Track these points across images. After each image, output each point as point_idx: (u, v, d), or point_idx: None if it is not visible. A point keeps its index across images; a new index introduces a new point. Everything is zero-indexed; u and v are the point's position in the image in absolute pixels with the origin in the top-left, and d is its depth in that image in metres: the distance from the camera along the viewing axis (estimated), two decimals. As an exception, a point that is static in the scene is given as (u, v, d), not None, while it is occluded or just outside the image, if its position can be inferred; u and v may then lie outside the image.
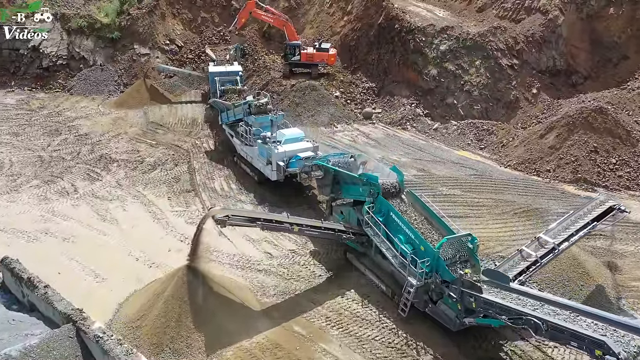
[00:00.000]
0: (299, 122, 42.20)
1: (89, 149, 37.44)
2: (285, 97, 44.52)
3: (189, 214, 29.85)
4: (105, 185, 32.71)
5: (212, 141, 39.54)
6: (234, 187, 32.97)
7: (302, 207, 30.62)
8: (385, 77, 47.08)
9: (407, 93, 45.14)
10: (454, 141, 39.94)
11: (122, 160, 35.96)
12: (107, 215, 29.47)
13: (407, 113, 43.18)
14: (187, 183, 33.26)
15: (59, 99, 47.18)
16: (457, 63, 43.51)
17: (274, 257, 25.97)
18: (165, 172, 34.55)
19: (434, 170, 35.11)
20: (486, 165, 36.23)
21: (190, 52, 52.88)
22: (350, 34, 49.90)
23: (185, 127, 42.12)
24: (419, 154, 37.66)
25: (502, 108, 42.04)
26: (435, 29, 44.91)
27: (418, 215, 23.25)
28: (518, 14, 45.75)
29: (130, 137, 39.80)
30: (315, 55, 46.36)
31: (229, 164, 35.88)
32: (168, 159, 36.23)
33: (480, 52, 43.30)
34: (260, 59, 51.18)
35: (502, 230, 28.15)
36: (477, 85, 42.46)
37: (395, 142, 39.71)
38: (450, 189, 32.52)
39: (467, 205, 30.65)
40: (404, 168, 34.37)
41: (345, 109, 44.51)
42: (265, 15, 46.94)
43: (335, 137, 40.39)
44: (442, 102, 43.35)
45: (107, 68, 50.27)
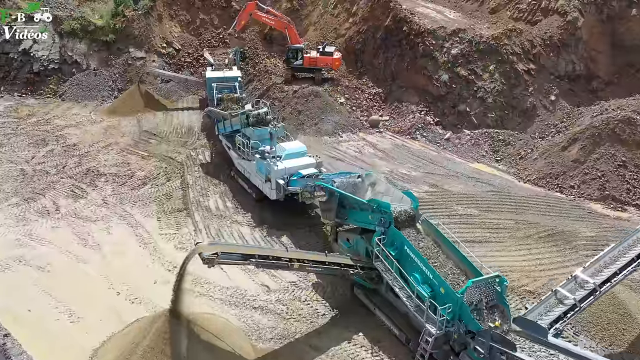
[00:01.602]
0: (301, 131, 38.93)
1: (75, 162, 34.18)
2: (287, 104, 41.17)
3: (179, 237, 26.59)
4: (90, 204, 29.46)
5: (208, 152, 36.23)
6: (229, 206, 29.66)
7: (303, 229, 27.34)
8: (392, 83, 43.68)
9: (416, 99, 41.72)
10: (467, 152, 36.53)
11: (111, 174, 32.70)
12: (88, 240, 26.24)
13: (417, 121, 39.77)
14: (179, 201, 29.98)
15: (49, 106, 43.89)
16: (469, 68, 40.07)
17: (272, 290, 22.70)
18: (156, 188, 31.28)
19: (447, 185, 31.74)
20: (504, 180, 32.83)
21: (188, 55, 49.54)
22: (355, 36, 46.46)
23: (180, 137, 38.82)
24: (430, 167, 34.29)
25: (518, 116, 38.58)
26: (446, 31, 41.47)
27: (435, 248, 19.93)
28: (534, 16, 42.21)
29: (121, 147, 36.52)
30: (318, 59, 42.97)
31: (225, 179, 32.59)
32: (160, 173, 32.95)
33: (495, 56, 39.82)
34: (261, 62, 47.82)
35: (527, 258, 24.80)
36: (491, 92, 38.99)
37: (404, 153, 36.33)
38: (466, 208, 29.15)
39: (486, 227, 27.28)
40: (415, 183, 31.16)
41: (350, 116, 41.14)
42: (266, 17, 43.56)
43: (340, 148, 37.04)
44: (454, 109, 39.92)
45: (101, 72, 46.90)
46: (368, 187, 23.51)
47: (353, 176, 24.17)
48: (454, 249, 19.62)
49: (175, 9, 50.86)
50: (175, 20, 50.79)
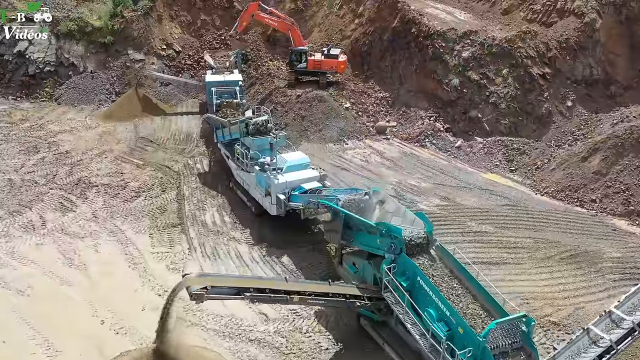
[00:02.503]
0: (304, 138, 36.66)
1: (67, 171, 31.99)
2: (290, 109, 38.84)
3: (172, 257, 24.38)
4: (79, 218, 27.27)
5: (206, 161, 33.98)
6: (227, 221, 27.41)
7: (306, 247, 25.09)
8: (400, 86, 41.27)
9: (425, 104, 39.31)
10: (480, 162, 34.11)
11: (103, 185, 30.51)
12: (74, 259, 24.08)
13: (426, 127, 37.39)
14: (173, 215, 27.76)
15: (44, 110, 41.75)
16: (481, 72, 37.60)
17: (270, 320, 20.45)
18: (149, 200, 29.08)
19: (459, 198, 29.37)
20: (519, 193, 30.42)
21: (188, 57, 47.23)
22: (361, 38, 44.05)
23: (178, 144, 36.57)
24: (440, 178, 31.91)
25: (532, 123, 36.10)
26: (456, 33, 39.00)
27: (452, 279, 17.59)
28: (549, 17, 39.68)
29: (115, 155, 34.32)
30: (323, 62, 40.59)
31: (223, 190, 30.37)
32: (155, 184, 30.74)
33: (508, 59, 37.33)
34: (264, 65, 45.48)
35: (549, 282, 22.45)
36: (504, 97, 36.54)
37: (413, 162, 33.97)
38: (481, 224, 26.79)
39: (503, 246, 24.93)
40: (425, 196, 28.81)
41: (356, 122, 38.78)
42: (269, 18, 41.19)
43: (345, 156, 34.71)
44: (465, 115, 37.49)
45: (98, 75, 44.68)
46: (376, 205, 21.20)
47: (360, 193, 21.89)
48: (472, 279, 17.29)
49: (176, 9, 48.56)
50: (175, 21, 48.51)
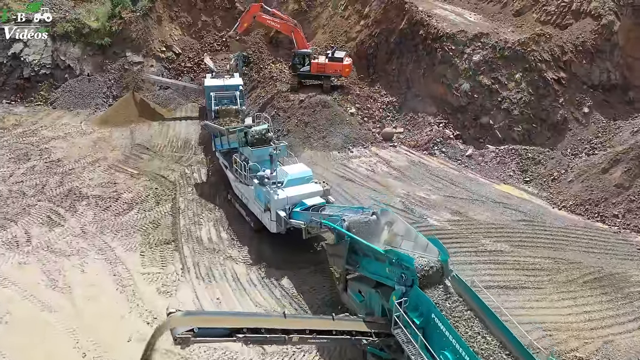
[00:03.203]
0: (307, 145, 34.55)
1: (57, 181, 30.01)
2: (293, 114, 36.73)
3: (164, 278, 22.34)
4: (67, 233, 25.26)
5: (204, 170, 31.90)
6: (224, 237, 25.34)
7: (307, 268, 23.02)
8: (407, 91, 39.08)
9: (433, 110, 37.11)
10: (492, 171, 31.90)
11: (94, 196, 28.49)
12: (59, 280, 22.07)
13: (435, 135, 35.19)
14: (167, 230, 25.71)
15: (39, 114, 39.81)
16: (493, 76, 35.36)
17: (268, 354, 18.36)
18: (143, 213, 27.03)
19: (472, 213, 27.20)
20: (535, 206, 28.20)
21: (188, 60, 45.17)
22: (367, 40, 41.87)
23: (175, 151, 34.51)
24: (451, 189, 29.74)
25: (547, 130, 33.86)
26: (466, 35, 36.75)
27: (470, 316, 15.46)
28: (564, 19, 37.41)
29: (109, 164, 32.29)
30: (327, 65, 38.44)
31: (221, 203, 28.32)
32: (149, 195, 28.72)
33: (521, 63, 35.06)
34: (266, 68, 43.41)
35: (573, 310, 20.29)
36: (517, 103, 34.31)
37: (421, 172, 31.80)
38: (496, 242, 24.62)
39: (520, 267, 22.76)
40: (435, 209, 26.64)
41: (361, 128, 36.62)
42: (271, 19, 39.01)
43: (350, 165, 32.57)
44: (476, 121, 35.29)
45: (95, 78, 42.68)
46: (384, 226, 19.11)
47: (366, 213, 19.77)
48: (493, 316, 15.16)
49: (176, 10, 46.48)
50: (175, 22, 46.45)
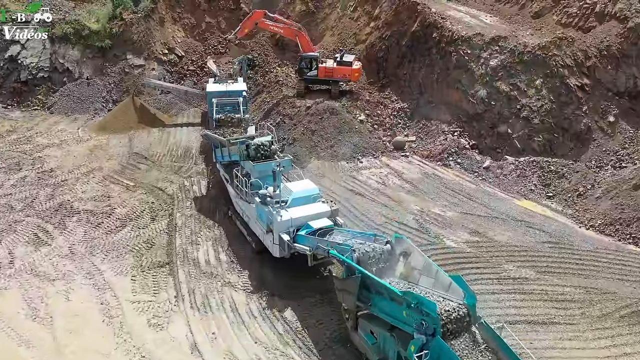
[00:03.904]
0: (314, 154, 32.17)
1: (48, 194, 27.78)
2: (299, 122, 34.30)
3: (155, 308, 20.00)
4: (53, 253, 23.01)
5: (205, 182, 29.55)
6: (223, 259, 22.97)
7: (313, 297, 20.58)
8: (420, 97, 36.57)
9: (447, 117, 34.58)
10: (511, 185, 29.35)
11: (86, 211, 26.23)
12: (40, 309, 19.81)
13: (449, 144, 32.66)
14: (161, 251, 23.39)
15: (35, 120, 37.66)
16: (511, 82, 32.80)
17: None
18: (136, 231, 24.74)
19: (492, 232, 24.69)
20: (560, 225, 25.63)
21: (191, 63, 42.84)
22: (377, 43, 39.38)
23: (174, 160, 32.19)
24: (468, 205, 27.23)
25: (569, 140, 31.27)
26: (483, 39, 34.17)
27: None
28: (587, 22, 34.76)
29: (104, 174, 30.04)
30: (335, 70, 35.98)
31: (221, 219, 25.98)
32: (145, 211, 26.41)
33: (542, 68, 32.47)
34: (272, 71, 41.05)
35: (611, 352, 17.81)
36: (537, 111, 31.74)
37: (436, 186, 29.30)
38: (520, 267, 22.12)
39: (549, 299, 20.26)
40: (452, 228, 24.15)
41: (371, 136, 34.15)
42: (273, 25, 36.38)
43: (360, 177, 30.14)
44: (493, 130, 32.74)
45: (95, 82, 40.47)
46: (399, 257, 16.73)
47: (380, 241, 17.35)
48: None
49: (179, 11, 44.14)
50: (178, 24, 44.11)
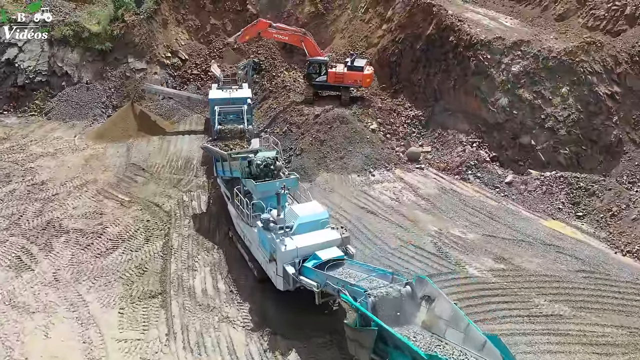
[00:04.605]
0: (323, 167, 29.60)
1: (36, 210, 25.42)
2: (307, 131, 31.69)
3: (144, 348, 17.51)
4: (36, 280, 20.60)
5: (205, 197, 27.05)
6: (221, 288, 20.44)
7: (322, 337, 17.94)
8: (435, 104, 33.86)
9: (465, 127, 31.85)
10: (537, 203, 26.58)
11: (75, 230, 23.81)
12: (15, 348, 17.40)
13: (468, 156, 29.95)
14: (154, 278, 20.90)
15: (31, 126, 35.34)
16: (535, 90, 30.02)
17: None
18: (128, 254, 22.28)
19: (518, 259, 21.98)
20: (594, 251, 22.86)
21: (195, 66, 40.37)
22: (390, 46, 36.65)
23: (174, 172, 29.72)
24: (491, 226, 24.53)
25: (598, 153, 28.45)
26: (504, 43, 31.39)
27: None
28: (616, 25, 31.91)
29: (98, 188, 27.63)
30: (346, 75, 33.31)
31: (221, 241, 23.48)
32: (139, 230, 23.96)
33: (568, 75, 29.65)
34: (279, 76, 38.47)
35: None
36: (564, 121, 28.95)
37: (454, 203, 26.61)
38: (552, 301, 19.44)
39: (587, 342, 17.56)
40: (474, 253, 21.50)
41: (384, 147, 31.47)
42: (277, 33, 33.62)
43: (372, 193, 27.51)
44: (515, 141, 29.98)
45: (94, 86, 38.10)
46: (421, 302, 14.16)
47: (398, 282, 14.78)
48: None
49: (183, 13, 41.65)
50: (182, 25, 41.63)
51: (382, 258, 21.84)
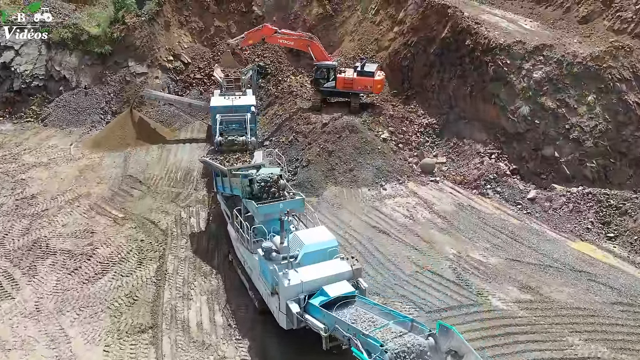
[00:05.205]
0: (331, 180, 27.32)
1: (23, 227, 23.31)
2: (314, 140, 29.41)
3: (129, 395, 15.25)
4: (15, 311, 18.47)
5: (204, 213, 24.83)
6: (219, 322, 18.18)
7: (329, 382, 15.64)
8: (450, 111, 31.54)
9: (482, 137, 29.47)
10: (563, 222, 24.13)
11: (63, 252, 21.66)
12: (-15, 395, 15.16)
13: (486, 169, 27.57)
14: (145, 308, 18.69)
15: (26, 133, 33.35)
16: (559, 98, 27.57)
17: None
18: (118, 280, 20.10)
19: (547, 288, 19.59)
20: (629, 278, 20.41)
21: (198, 70, 38.24)
22: (402, 50, 34.40)
23: (172, 185, 27.55)
24: (514, 248, 22.14)
25: (628, 166, 25.99)
26: (525, 47, 28.94)
27: None
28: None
29: (91, 203, 25.48)
30: (355, 81, 31.01)
31: (220, 264, 21.23)
32: (131, 251, 21.77)
33: (595, 82, 27.21)
34: (285, 80, 36.27)
35: None
36: (590, 132, 26.49)
37: (473, 221, 24.23)
38: (588, 340, 17.04)
39: (633, 392, 15.14)
40: (497, 281, 19.16)
41: (396, 158, 29.15)
42: (282, 38, 31.32)
43: (384, 209, 25.18)
44: (537, 153, 27.55)
45: (93, 91, 36.01)
46: (446, 357, 11.74)
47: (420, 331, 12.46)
48: None
49: (186, 14, 39.53)
50: (185, 27, 39.50)
51: (396, 286, 19.55)
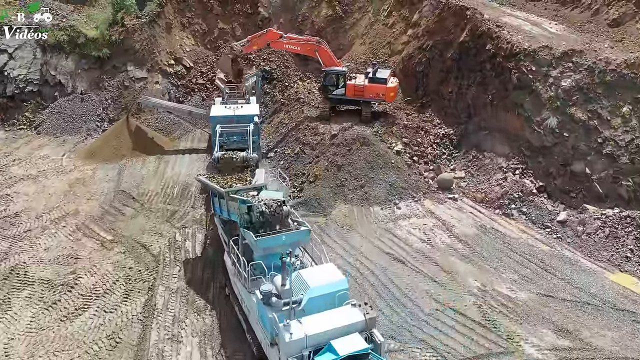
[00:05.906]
0: (341, 197, 24.65)
1: (1, 252, 20.80)
2: (322, 153, 26.74)
3: None
4: (-19, 356, 15.93)
5: (201, 235, 22.21)
6: (211, 371, 15.58)
7: None
8: (468, 121, 28.79)
9: (505, 150, 26.65)
10: (599, 249, 21.29)
11: (42, 281, 19.17)
12: None
13: (510, 186, 24.76)
14: (129, 353, 16.11)
15: (17, 142, 31.02)
16: (590, 108, 24.68)
17: None
18: (100, 317, 17.54)
19: (586, 331, 16.80)
20: (680, 319, 17.57)
21: (200, 75, 35.62)
22: (416, 54, 31.58)
23: (168, 202, 24.97)
24: (545, 281, 19.36)
25: (668, 186, 23.13)
26: (552, 53, 26.04)
27: None
28: (684, 31, 26.46)
29: (78, 223, 22.97)
30: (367, 88, 28.28)
31: (216, 297, 18.60)
32: (118, 281, 19.22)
33: (630, 92, 24.31)
34: (292, 86, 33.59)
35: None
36: (625, 147, 23.62)
37: (497, 247, 21.45)
38: (641, 402, 14.23)
39: None
40: (529, 322, 16.42)
41: (411, 172, 26.40)
42: (288, 44, 28.65)
43: (398, 232, 22.45)
44: (565, 169, 24.71)
45: (89, 97, 33.54)
46: None
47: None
48: None
49: (189, 16, 36.90)
50: (187, 30, 36.89)
51: (414, 328, 16.86)
